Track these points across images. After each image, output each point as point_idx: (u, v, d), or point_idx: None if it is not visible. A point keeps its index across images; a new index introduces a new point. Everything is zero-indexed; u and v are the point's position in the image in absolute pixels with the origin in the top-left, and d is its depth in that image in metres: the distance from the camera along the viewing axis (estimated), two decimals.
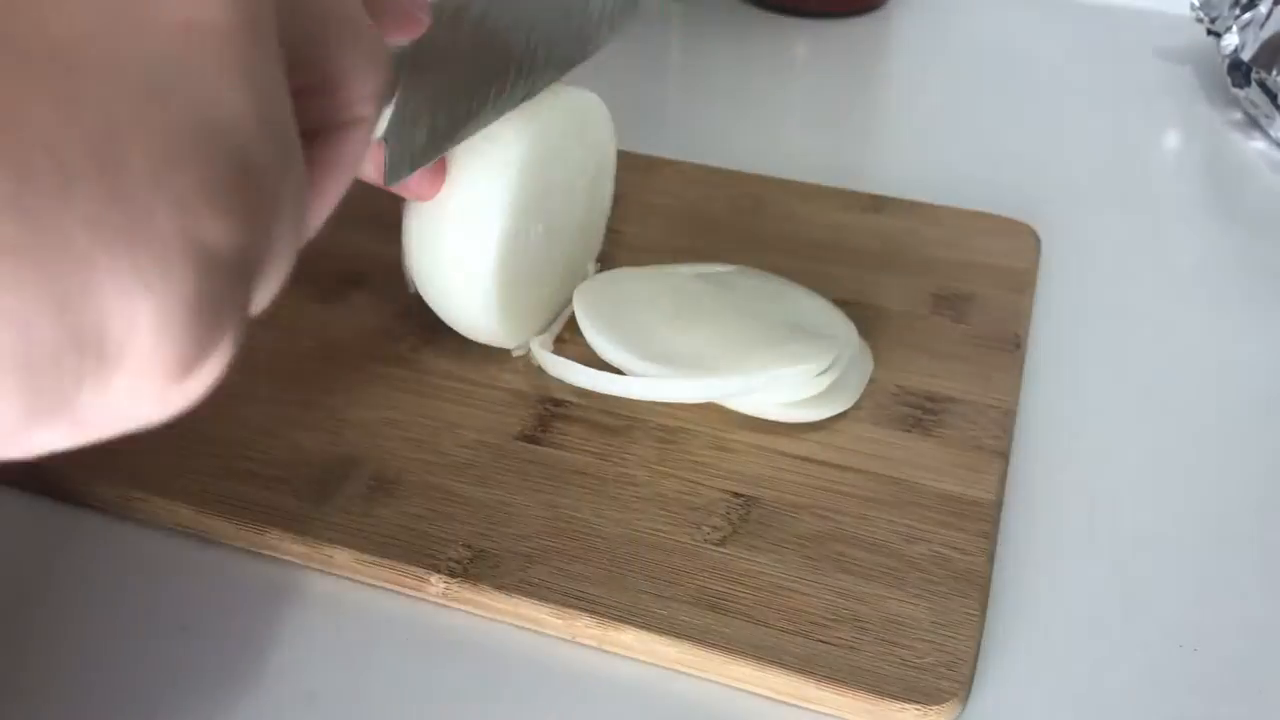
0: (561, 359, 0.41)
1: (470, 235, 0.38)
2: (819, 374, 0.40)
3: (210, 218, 0.17)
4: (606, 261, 0.48)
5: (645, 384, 0.40)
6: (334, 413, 0.40)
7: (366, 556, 0.35)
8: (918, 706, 0.31)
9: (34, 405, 0.16)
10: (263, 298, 0.20)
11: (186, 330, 0.17)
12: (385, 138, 0.33)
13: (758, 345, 0.40)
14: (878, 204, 0.54)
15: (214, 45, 0.18)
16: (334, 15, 0.22)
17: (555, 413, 0.41)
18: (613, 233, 0.48)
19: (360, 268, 0.47)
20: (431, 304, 0.41)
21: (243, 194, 0.18)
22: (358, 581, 0.35)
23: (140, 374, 0.17)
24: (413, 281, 0.41)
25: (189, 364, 0.18)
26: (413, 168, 0.35)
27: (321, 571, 0.35)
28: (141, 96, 0.17)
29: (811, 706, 0.32)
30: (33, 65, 0.16)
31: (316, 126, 0.24)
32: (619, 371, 0.41)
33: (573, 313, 0.43)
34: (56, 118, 0.16)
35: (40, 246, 0.16)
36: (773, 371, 0.39)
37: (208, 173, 0.17)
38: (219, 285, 0.18)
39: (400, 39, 0.29)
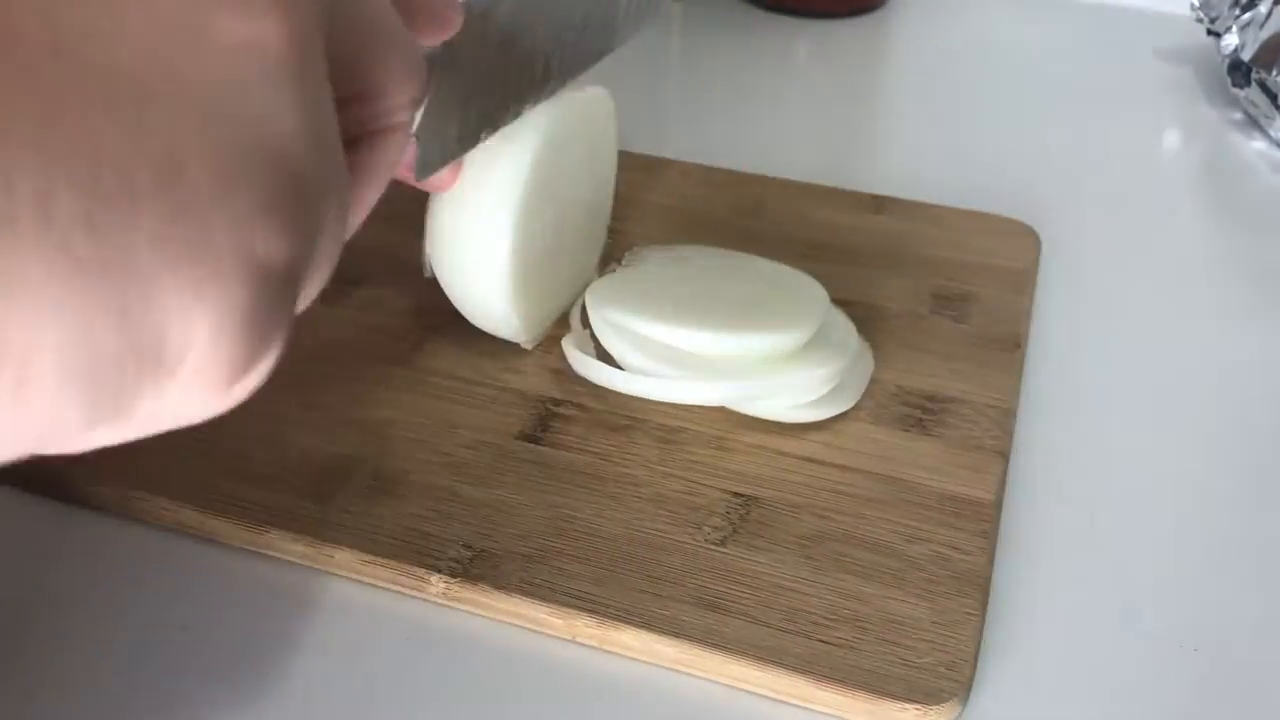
0: (598, 362, 0.41)
1: (484, 224, 0.39)
2: (831, 377, 0.40)
3: (264, 234, 0.18)
4: (608, 263, 0.48)
5: (677, 386, 0.39)
6: (334, 413, 0.40)
7: (367, 556, 0.35)
8: (918, 706, 0.31)
9: (94, 412, 0.17)
10: (306, 300, 0.21)
11: (240, 340, 0.18)
12: (417, 135, 0.33)
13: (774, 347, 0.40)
14: (878, 204, 0.54)
15: (268, 66, 0.18)
16: (375, 29, 0.23)
17: (555, 412, 0.41)
18: (614, 233, 0.49)
19: (360, 268, 0.47)
20: (446, 290, 0.41)
21: (294, 210, 0.18)
22: (358, 581, 0.35)
23: (195, 381, 0.18)
24: (429, 267, 0.41)
25: (241, 371, 0.19)
26: (444, 163, 0.36)
27: (322, 571, 0.35)
28: (202, 118, 0.17)
29: (812, 706, 0.32)
30: (103, 89, 0.16)
31: (355, 134, 0.25)
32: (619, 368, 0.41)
33: (578, 306, 0.43)
34: (124, 140, 0.16)
35: (107, 261, 0.16)
36: (790, 375, 0.39)
37: (263, 191, 0.18)
38: (270, 297, 0.18)
39: (433, 40, 0.29)
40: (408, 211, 0.40)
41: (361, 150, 0.25)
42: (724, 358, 0.40)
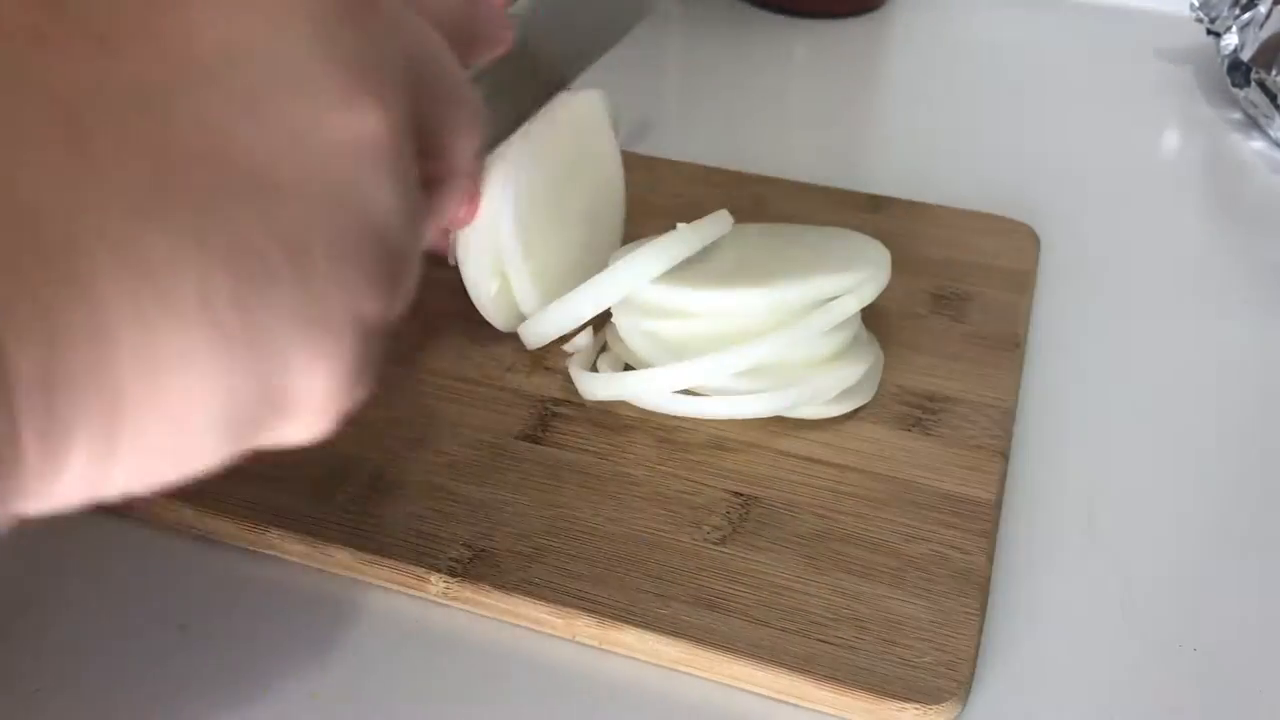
0: (614, 376, 0.40)
1: (484, 229, 0.40)
2: (860, 374, 0.40)
3: (369, 298, 0.21)
4: None
5: (734, 402, 0.39)
6: None
7: (367, 556, 0.35)
8: (917, 706, 0.31)
9: (227, 449, 0.21)
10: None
11: (348, 384, 0.22)
12: None
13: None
14: (877, 204, 0.54)
15: (373, 158, 0.21)
16: (448, 96, 0.25)
17: (555, 412, 0.41)
18: None
19: None
20: (462, 273, 0.42)
21: (390, 275, 0.22)
22: (358, 581, 0.35)
23: (308, 419, 0.22)
24: (454, 254, 0.42)
25: (343, 406, 0.22)
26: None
27: (322, 571, 0.35)
28: (322, 206, 0.20)
29: (811, 706, 0.32)
30: (245, 185, 0.19)
31: (422, 183, 0.27)
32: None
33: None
34: (263, 228, 0.19)
35: (250, 333, 0.19)
36: (834, 372, 0.39)
37: (368, 263, 0.21)
38: (368, 346, 0.22)
39: (488, 58, 0.32)
40: None
41: (430, 196, 0.27)
42: (770, 358, 0.39)
